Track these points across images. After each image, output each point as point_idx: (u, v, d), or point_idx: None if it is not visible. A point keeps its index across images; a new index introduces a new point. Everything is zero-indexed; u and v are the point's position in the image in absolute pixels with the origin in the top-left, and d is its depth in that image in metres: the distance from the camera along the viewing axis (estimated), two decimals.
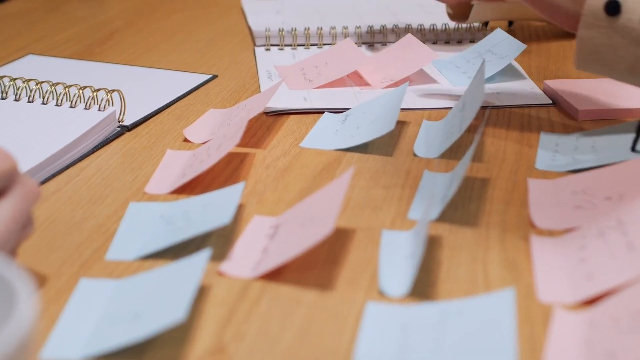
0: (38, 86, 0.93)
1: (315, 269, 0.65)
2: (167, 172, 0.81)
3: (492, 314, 0.57)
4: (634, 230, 0.65)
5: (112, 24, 1.32)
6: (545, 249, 0.67)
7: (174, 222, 0.71)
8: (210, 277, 0.64)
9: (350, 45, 1.08)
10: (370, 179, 0.79)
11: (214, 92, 1.02)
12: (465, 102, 0.86)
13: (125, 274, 0.65)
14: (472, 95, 0.84)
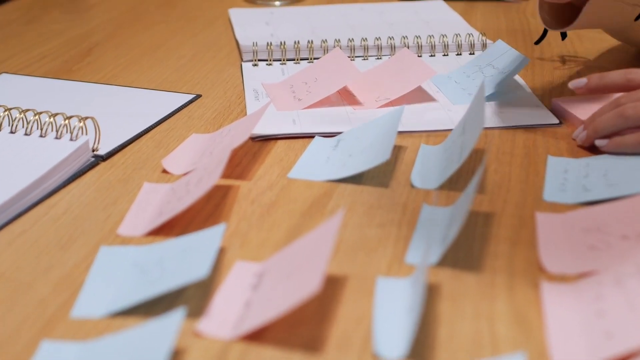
0: (7, 112, 0.86)
1: (303, 326, 0.58)
2: (143, 210, 0.74)
3: None
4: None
5: (91, 37, 1.25)
6: (557, 299, 0.60)
7: (148, 271, 0.64)
8: (186, 339, 0.57)
9: (339, 56, 1.02)
10: (364, 215, 0.73)
11: (197, 114, 0.95)
12: (466, 125, 0.79)
13: (91, 335, 0.58)
14: (472, 118, 0.77)
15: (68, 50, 1.19)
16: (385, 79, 0.99)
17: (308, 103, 0.95)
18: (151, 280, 0.62)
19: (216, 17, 1.34)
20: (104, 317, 0.60)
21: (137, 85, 1.04)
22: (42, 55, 1.17)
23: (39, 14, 1.39)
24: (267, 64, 1.11)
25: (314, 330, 0.58)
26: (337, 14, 1.30)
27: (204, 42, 1.22)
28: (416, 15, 1.28)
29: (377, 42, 1.12)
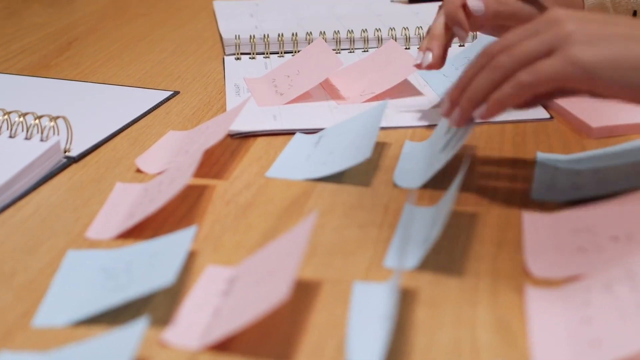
0: None
1: (274, 335, 0.56)
2: (113, 211, 0.72)
3: None
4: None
5: (72, 31, 1.22)
6: (542, 304, 0.58)
7: (115, 276, 0.61)
8: (151, 348, 0.54)
9: (322, 46, 0.99)
10: (343, 216, 0.70)
11: (175, 111, 0.93)
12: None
13: (52, 345, 0.55)
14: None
15: (47, 44, 1.16)
16: (370, 72, 0.96)
17: (290, 98, 0.92)
18: (117, 286, 0.60)
19: (200, 10, 1.31)
20: (67, 326, 0.57)
21: (116, 80, 1.02)
22: (20, 50, 1.14)
23: (19, 8, 1.36)
24: (250, 58, 1.08)
25: (285, 340, 0.55)
26: (324, 5, 1.27)
27: (187, 35, 1.19)
28: (405, 7, 1.25)
29: (364, 34, 1.09)
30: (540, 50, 0.65)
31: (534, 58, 0.65)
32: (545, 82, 0.64)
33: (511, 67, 0.65)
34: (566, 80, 0.64)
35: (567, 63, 0.63)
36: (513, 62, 0.65)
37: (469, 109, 0.69)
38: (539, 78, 0.64)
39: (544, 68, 0.64)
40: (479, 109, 0.68)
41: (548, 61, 0.64)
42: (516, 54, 0.65)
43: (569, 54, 0.63)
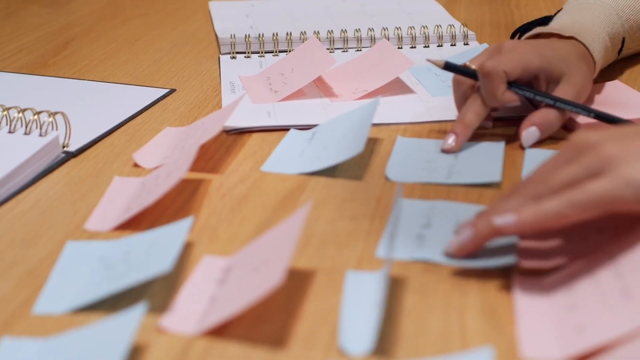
0: None
1: (268, 322, 0.57)
2: (111, 204, 0.73)
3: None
4: (629, 273, 0.57)
5: (69, 31, 1.24)
6: (529, 292, 0.59)
7: (113, 266, 0.63)
8: (149, 334, 0.56)
9: (315, 45, 1.00)
10: (336, 209, 0.71)
11: (171, 108, 0.94)
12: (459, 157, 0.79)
13: (52, 331, 0.57)
14: (472, 163, 0.79)
15: (45, 44, 1.18)
16: (363, 70, 0.98)
17: (284, 95, 0.94)
18: (116, 275, 0.61)
19: (196, 10, 1.32)
20: (67, 314, 0.59)
21: (113, 79, 1.03)
22: (18, 49, 1.16)
23: (17, 8, 1.37)
24: (245, 57, 1.09)
25: (279, 326, 0.57)
26: (318, 5, 1.29)
27: (183, 35, 1.20)
28: (398, 6, 1.27)
29: (357, 33, 1.11)
30: (582, 175, 0.59)
31: (575, 184, 0.59)
32: (598, 204, 0.57)
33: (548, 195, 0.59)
34: (621, 202, 0.57)
35: (621, 183, 0.57)
36: (551, 190, 0.59)
37: (488, 233, 0.61)
38: (591, 199, 0.57)
39: (594, 188, 0.57)
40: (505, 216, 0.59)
41: (597, 182, 0.57)
42: (553, 181, 0.60)
43: (622, 173, 0.57)
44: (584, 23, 0.89)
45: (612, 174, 0.57)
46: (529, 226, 0.59)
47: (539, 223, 0.58)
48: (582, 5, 0.93)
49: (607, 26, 0.91)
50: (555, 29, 0.89)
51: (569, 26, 0.89)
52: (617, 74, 0.97)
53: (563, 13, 0.95)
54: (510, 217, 0.59)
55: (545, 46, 0.85)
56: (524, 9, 1.30)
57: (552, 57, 0.84)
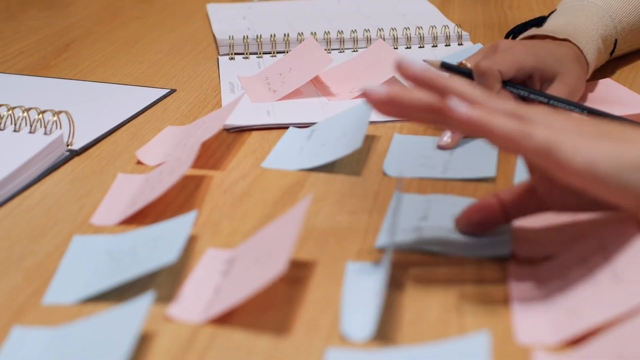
0: None
1: (272, 310, 0.59)
2: (116, 199, 0.75)
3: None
4: (618, 257, 0.59)
5: (68, 34, 1.26)
6: (523, 280, 0.61)
7: (119, 259, 0.65)
8: (156, 323, 0.58)
9: (313, 45, 1.02)
10: (335, 204, 0.73)
11: (172, 107, 0.96)
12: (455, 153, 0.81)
13: (62, 321, 0.58)
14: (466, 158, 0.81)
15: (45, 46, 1.20)
16: (359, 70, 1.00)
17: (282, 94, 0.96)
18: (122, 267, 0.63)
19: (194, 13, 1.34)
20: (75, 304, 0.60)
21: (114, 80, 1.05)
22: (19, 52, 1.17)
23: (16, 11, 1.39)
24: (244, 58, 1.11)
25: (282, 314, 0.58)
26: (314, 7, 1.31)
27: (181, 37, 1.22)
28: (393, 8, 1.29)
29: (353, 34, 1.13)
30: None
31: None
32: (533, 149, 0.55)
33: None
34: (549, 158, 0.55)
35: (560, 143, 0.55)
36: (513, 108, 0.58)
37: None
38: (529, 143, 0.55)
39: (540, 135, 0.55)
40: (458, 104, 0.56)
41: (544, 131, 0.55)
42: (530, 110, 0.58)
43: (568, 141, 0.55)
44: (577, 25, 0.92)
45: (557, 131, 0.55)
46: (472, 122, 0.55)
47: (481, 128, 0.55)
48: (575, 7, 0.96)
49: (600, 28, 0.93)
50: (550, 31, 0.91)
51: (562, 28, 0.91)
52: (608, 73, 0.99)
53: (557, 14, 0.97)
54: (463, 107, 0.55)
55: (540, 47, 0.87)
56: (517, 10, 1.32)
57: (546, 58, 0.86)
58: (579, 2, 0.96)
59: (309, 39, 1.05)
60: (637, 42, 1.02)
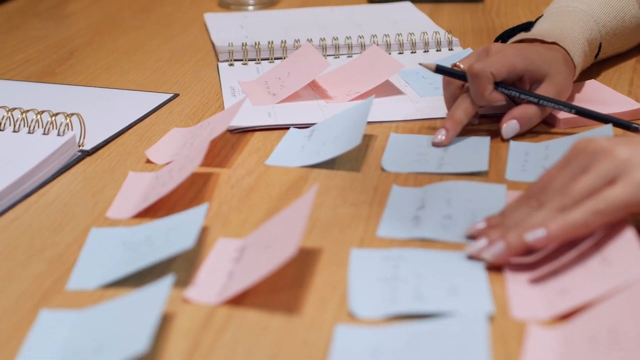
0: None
1: (283, 291, 0.63)
2: (129, 195, 0.79)
3: (464, 336, 0.56)
4: (607, 243, 0.63)
5: (71, 43, 1.30)
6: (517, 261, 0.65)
7: (136, 248, 0.69)
8: (175, 304, 0.62)
9: (310, 50, 1.07)
10: (337, 197, 0.78)
11: (176, 111, 1.00)
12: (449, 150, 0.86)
13: (86, 304, 0.62)
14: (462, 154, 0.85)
15: (49, 54, 1.23)
16: (355, 74, 1.04)
17: (282, 97, 1.00)
18: (140, 255, 0.67)
19: (191, 22, 1.38)
20: (98, 289, 0.64)
21: (118, 86, 1.09)
22: (24, 60, 1.21)
23: (18, 22, 1.43)
24: (243, 64, 1.15)
25: (293, 296, 0.63)
26: (308, 16, 1.35)
27: (181, 46, 1.26)
28: (385, 16, 1.33)
29: (348, 41, 1.17)
30: (601, 182, 0.63)
31: (595, 191, 0.63)
32: (620, 210, 0.62)
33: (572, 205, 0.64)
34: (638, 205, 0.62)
35: (638, 188, 0.62)
36: (573, 200, 0.64)
37: (519, 248, 0.64)
38: (613, 206, 0.62)
39: (615, 195, 0.62)
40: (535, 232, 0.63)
41: (616, 189, 0.62)
42: (577, 192, 0.64)
43: (637, 178, 0.62)
44: (564, 29, 0.96)
45: (628, 179, 0.62)
46: (558, 238, 0.63)
47: (568, 234, 0.63)
48: (562, 12, 1.00)
49: (585, 32, 0.98)
50: (538, 35, 0.96)
51: (550, 32, 0.96)
52: (593, 75, 1.04)
53: (544, 19, 1.02)
54: (541, 232, 0.63)
55: (530, 50, 0.92)
56: (504, 16, 1.37)
57: (536, 60, 0.90)
58: (565, 7, 1.01)
59: (306, 44, 1.09)
60: (619, 46, 1.06)
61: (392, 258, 0.66)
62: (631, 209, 0.63)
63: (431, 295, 0.61)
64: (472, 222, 0.70)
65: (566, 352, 0.55)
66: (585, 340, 0.54)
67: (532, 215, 0.65)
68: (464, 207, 0.73)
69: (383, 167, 0.83)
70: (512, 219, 0.67)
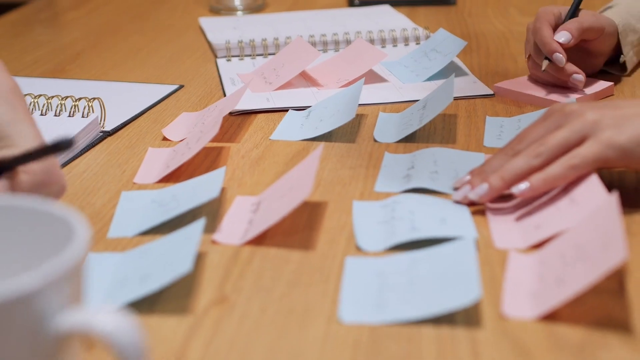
0: None
1: (297, 234, 0.73)
2: (151, 165, 0.89)
3: (457, 256, 0.66)
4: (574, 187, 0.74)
5: (75, 45, 1.39)
6: (497, 206, 0.76)
7: (165, 204, 0.78)
8: (205, 246, 0.72)
9: (302, 42, 1.17)
10: (337, 162, 0.88)
11: (183, 99, 1.10)
12: (427, 103, 0.96)
13: (128, 248, 0.72)
14: (436, 98, 0.94)
15: (57, 55, 1.33)
16: (343, 64, 1.15)
17: (278, 84, 1.10)
18: (170, 208, 0.77)
19: (186, 27, 1.49)
20: (136, 236, 0.74)
21: (126, 80, 1.19)
22: (33, 61, 1.31)
23: (22, 30, 1.52)
24: (239, 59, 1.26)
25: (306, 236, 0.73)
26: (296, 19, 1.46)
27: (179, 46, 1.36)
28: (366, 17, 1.44)
29: (335, 37, 1.28)
30: (573, 138, 0.74)
31: (569, 147, 0.74)
32: (591, 165, 0.73)
33: (550, 155, 0.74)
34: (607, 161, 0.73)
35: (605, 146, 0.73)
36: (551, 150, 0.74)
37: (501, 187, 0.75)
38: (586, 161, 0.73)
39: (587, 152, 0.73)
40: (519, 187, 0.74)
41: (586, 146, 0.73)
42: (552, 143, 0.74)
43: (604, 138, 0.73)
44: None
45: (596, 138, 0.73)
46: (540, 190, 0.73)
47: (547, 186, 0.73)
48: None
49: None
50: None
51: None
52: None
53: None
54: (524, 185, 0.74)
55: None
56: (475, 17, 1.48)
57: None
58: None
59: (297, 38, 1.20)
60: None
61: (389, 205, 0.76)
62: (599, 164, 0.74)
63: (424, 226, 0.71)
64: (457, 177, 0.81)
65: (541, 270, 0.65)
66: (556, 258, 0.65)
67: (511, 161, 0.76)
68: (448, 167, 0.84)
69: (375, 139, 0.94)
70: (491, 167, 0.77)
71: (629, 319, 0.60)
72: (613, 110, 0.75)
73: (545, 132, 0.76)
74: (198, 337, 0.60)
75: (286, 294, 0.65)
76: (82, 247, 0.44)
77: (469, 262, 0.64)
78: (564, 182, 0.74)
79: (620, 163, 0.74)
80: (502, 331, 0.60)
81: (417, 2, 1.57)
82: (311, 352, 0.58)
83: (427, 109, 0.94)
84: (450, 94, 0.91)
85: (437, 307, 0.60)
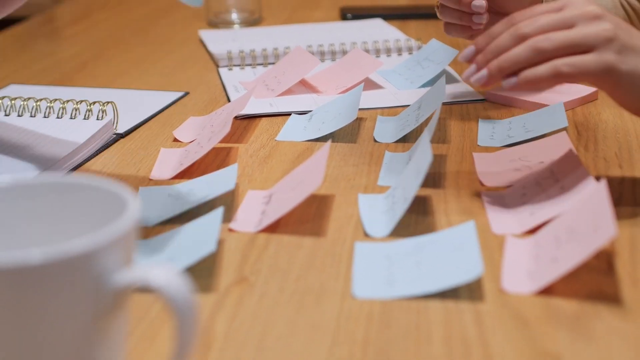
0: (37, 103, 1.05)
1: (308, 223, 0.79)
2: (165, 164, 0.94)
3: (460, 239, 0.71)
4: (564, 177, 0.80)
5: (80, 56, 1.45)
6: (493, 198, 0.82)
7: (181, 197, 0.84)
8: (222, 234, 0.77)
9: (301, 51, 1.23)
10: (340, 160, 0.93)
11: (190, 105, 1.15)
12: (422, 103, 1.01)
13: (150, 236, 0.77)
14: (430, 99, 1.00)
15: (64, 65, 1.38)
16: (341, 72, 1.21)
17: (280, 91, 1.16)
18: (188, 201, 0.82)
19: (187, 39, 1.54)
20: (157, 225, 0.79)
21: (133, 88, 1.24)
22: (41, 70, 1.36)
23: (27, 42, 1.57)
24: (240, 68, 1.31)
25: (317, 225, 0.78)
26: (292, 32, 1.52)
27: (181, 57, 1.42)
28: (360, 31, 1.50)
29: (332, 47, 1.34)
30: (581, 45, 0.72)
31: (572, 52, 0.72)
32: (580, 78, 0.73)
33: (551, 53, 0.73)
34: (598, 80, 0.73)
35: (605, 67, 0.72)
36: (554, 49, 0.72)
37: (497, 76, 0.75)
38: (577, 73, 0.72)
39: (583, 65, 0.72)
40: (509, 80, 0.74)
41: (587, 59, 0.72)
42: (558, 42, 0.72)
43: (608, 59, 0.72)
44: None
45: (601, 56, 0.72)
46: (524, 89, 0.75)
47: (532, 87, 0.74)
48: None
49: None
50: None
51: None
52: None
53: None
54: (513, 80, 0.74)
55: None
56: None
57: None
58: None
59: (297, 47, 1.25)
60: None
61: (390, 194, 0.82)
62: (590, 80, 0.74)
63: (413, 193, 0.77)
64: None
65: (537, 251, 0.71)
66: (551, 240, 0.71)
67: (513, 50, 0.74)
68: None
69: (375, 139, 0.99)
70: (497, 47, 0.76)
71: (618, 292, 0.66)
72: (628, 35, 0.74)
73: (556, 24, 0.74)
74: (222, 313, 0.65)
75: (302, 276, 0.70)
76: (135, 213, 0.49)
77: (470, 242, 0.70)
78: (549, 87, 0.76)
79: (606, 87, 0.75)
80: (503, 304, 0.65)
81: (408, 16, 1.63)
82: (328, 324, 0.63)
83: (423, 109, 0.99)
84: (443, 92, 0.96)
85: (443, 283, 0.66)
